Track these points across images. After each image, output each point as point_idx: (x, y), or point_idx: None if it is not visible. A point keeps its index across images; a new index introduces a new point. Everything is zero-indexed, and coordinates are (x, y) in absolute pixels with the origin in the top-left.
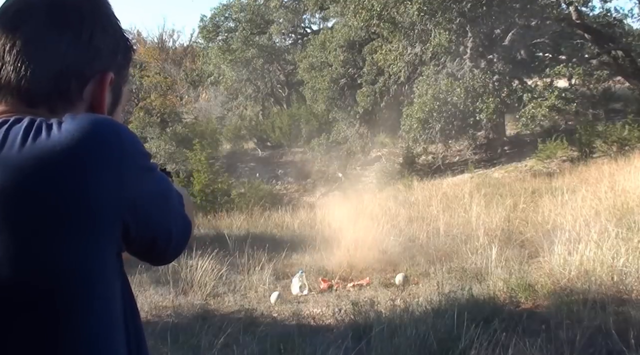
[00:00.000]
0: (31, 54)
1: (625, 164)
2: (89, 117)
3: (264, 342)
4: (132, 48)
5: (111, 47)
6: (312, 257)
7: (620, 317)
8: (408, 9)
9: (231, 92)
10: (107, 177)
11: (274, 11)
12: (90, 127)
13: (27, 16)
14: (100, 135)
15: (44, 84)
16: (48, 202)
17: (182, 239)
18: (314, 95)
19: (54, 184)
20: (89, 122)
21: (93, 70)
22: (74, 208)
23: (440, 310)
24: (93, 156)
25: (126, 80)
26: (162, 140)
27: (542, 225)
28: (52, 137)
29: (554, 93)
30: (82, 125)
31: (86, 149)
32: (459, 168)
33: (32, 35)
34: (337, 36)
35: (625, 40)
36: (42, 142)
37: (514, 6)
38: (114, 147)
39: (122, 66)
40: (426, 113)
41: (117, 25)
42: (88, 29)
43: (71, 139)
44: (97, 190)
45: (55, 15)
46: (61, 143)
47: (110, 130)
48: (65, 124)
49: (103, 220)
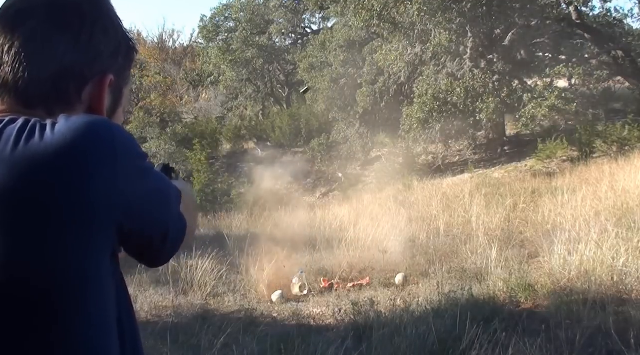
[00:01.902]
0: (29, 55)
1: (625, 164)
2: (83, 118)
3: (264, 342)
4: (134, 49)
5: (112, 49)
6: (312, 257)
7: (620, 317)
8: (408, 9)
9: (231, 92)
10: (101, 177)
11: (273, 11)
12: (83, 127)
13: (27, 16)
14: (94, 135)
15: (42, 84)
16: (40, 203)
17: (177, 239)
18: (314, 95)
19: (46, 185)
20: (82, 122)
21: (92, 71)
22: (66, 209)
23: (441, 310)
24: (86, 157)
25: (127, 81)
26: (162, 140)
27: (542, 225)
28: (45, 138)
29: (554, 93)
30: (76, 125)
31: (79, 150)
32: (459, 168)
33: (31, 35)
34: (337, 36)
35: (625, 40)
36: (35, 143)
37: (514, 6)
38: (107, 147)
39: (123, 68)
40: (426, 113)
41: (119, 26)
42: (88, 30)
43: (64, 140)
44: (90, 191)
45: (55, 16)
46: (53, 144)
47: (103, 130)
48: (59, 125)
49: (96, 221)
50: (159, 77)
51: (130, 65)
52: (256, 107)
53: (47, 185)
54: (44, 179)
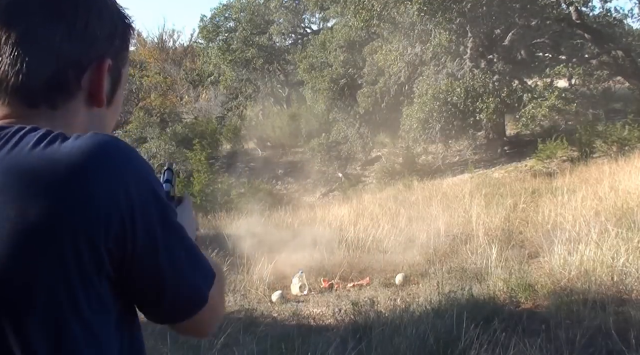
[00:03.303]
0: (26, 47)
1: (625, 164)
2: (96, 137)
3: (264, 342)
4: (129, 27)
5: (107, 32)
6: (312, 257)
7: (620, 317)
8: (408, 9)
9: (231, 92)
10: (102, 195)
11: (274, 11)
12: (96, 146)
13: (20, 8)
14: (105, 154)
15: (41, 76)
16: (40, 210)
17: (183, 303)
18: (314, 95)
19: (49, 194)
20: (92, 141)
21: (90, 58)
22: (65, 220)
23: (440, 310)
24: (90, 174)
25: (125, 62)
26: (162, 140)
27: (542, 225)
28: (55, 151)
29: (554, 93)
30: (89, 143)
31: (84, 168)
32: (459, 168)
33: (25, 27)
34: (337, 36)
35: (625, 40)
36: (46, 154)
37: (514, 6)
38: (117, 169)
39: (121, 49)
40: (426, 113)
41: (114, 6)
42: (83, 17)
43: (71, 156)
44: (88, 206)
45: (49, 6)
46: (62, 160)
47: (118, 151)
48: (70, 141)
49: (84, 242)
50: (159, 77)
51: (128, 45)
52: (256, 107)
53: (50, 193)
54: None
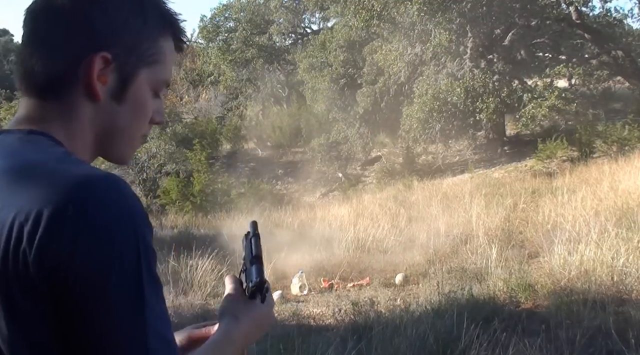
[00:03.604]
0: (36, 48)
1: (625, 164)
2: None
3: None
4: (145, 23)
5: (113, 27)
6: (312, 257)
7: (620, 317)
8: (408, 9)
9: (231, 92)
10: (58, 241)
11: (274, 11)
12: (73, 180)
13: (35, 12)
14: (78, 190)
15: (44, 70)
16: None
17: None
18: (314, 95)
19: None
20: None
21: (87, 51)
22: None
23: (440, 310)
24: (55, 211)
25: (145, 60)
26: (162, 140)
27: (542, 225)
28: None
29: (554, 93)
30: (65, 177)
31: (58, 207)
32: (459, 168)
33: (34, 28)
34: (337, 36)
35: (625, 40)
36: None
37: (514, 6)
38: (80, 207)
39: (134, 45)
40: (426, 113)
41: (135, 3)
42: (82, 11)
43: (48, 188)
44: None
45: (51, 4)
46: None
47: (85, 189)
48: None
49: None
50: None
51: (146, 41)
52: (256, 107)
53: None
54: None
